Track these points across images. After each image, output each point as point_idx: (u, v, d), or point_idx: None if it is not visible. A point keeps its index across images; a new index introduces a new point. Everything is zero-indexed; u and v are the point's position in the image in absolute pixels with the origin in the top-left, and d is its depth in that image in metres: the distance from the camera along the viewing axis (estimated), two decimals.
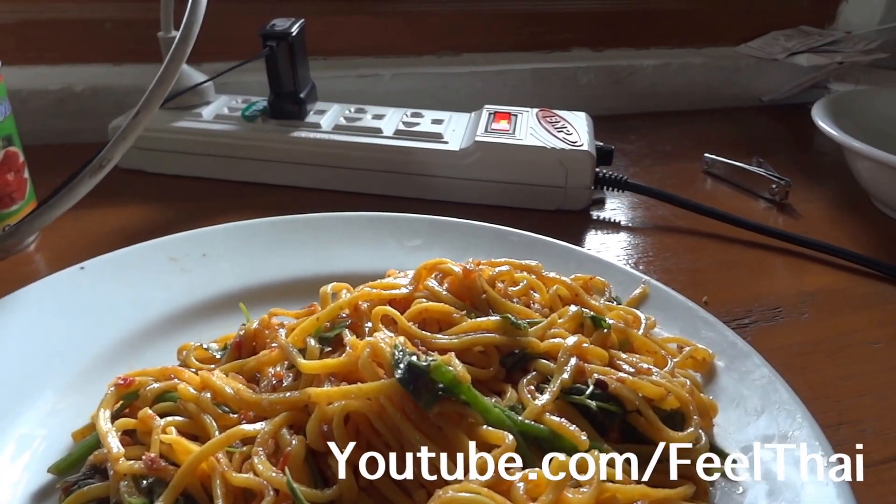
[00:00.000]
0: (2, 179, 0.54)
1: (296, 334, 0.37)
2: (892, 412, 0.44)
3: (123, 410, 0.37)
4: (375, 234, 0.54)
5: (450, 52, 0.89)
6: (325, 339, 0.38)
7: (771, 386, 0.39)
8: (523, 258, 0.52)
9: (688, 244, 0.62)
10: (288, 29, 0.65)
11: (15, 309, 0.43)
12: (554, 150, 0.64)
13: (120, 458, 0.32)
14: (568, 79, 0.91)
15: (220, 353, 0.41)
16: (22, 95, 0.73)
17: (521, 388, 0.35)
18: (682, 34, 0.97)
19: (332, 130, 0.68)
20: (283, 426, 0.33)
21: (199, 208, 0.64)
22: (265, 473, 0.31)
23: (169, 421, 0.34)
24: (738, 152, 0.78)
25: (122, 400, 0.36)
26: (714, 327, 0.44)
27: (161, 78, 0.47)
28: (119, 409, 0.37)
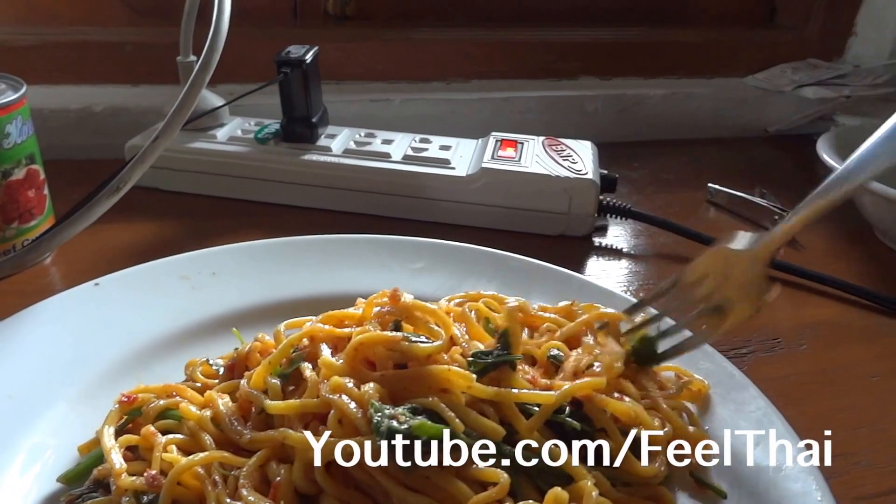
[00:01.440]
0: (23, 196, 0.55)
1: (255, 378, 0.37)
2: (888, 445, 0.45)
3: (127, 426, 0.38)
4: (379, 256, 0.55)
5: (459, 78, 0.91)
6: (285, 376, 0.38)
7: (766, 418, 0.40)
8: (524, 283, 0.53)
9: None
10: (302, 56, 0.67)
11: (32, 322, 0.45)
12: (558, 178, 0.66)
13: (122, 474, 0.33)
14: (574, 106, 0.92)
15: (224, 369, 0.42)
16: (44, 114, 0.75)
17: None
18: (691, 65, 0.99)
19: (342, 154, 0.70)
20: (267, 460, 0.34)
21: (211, 226, 0.66)
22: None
23: (170, 439, 0.35)
24: (742, 182, 0.79)
25: (126, 416, 0.37)
26: (712, 358, 0.44)
27: (181, 104, 0.49)
28: (123, 424, 0.38)
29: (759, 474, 0.36)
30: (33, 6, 0.78)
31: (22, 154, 0.55)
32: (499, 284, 0.53)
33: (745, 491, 0.36)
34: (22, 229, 0.56)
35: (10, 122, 0.53)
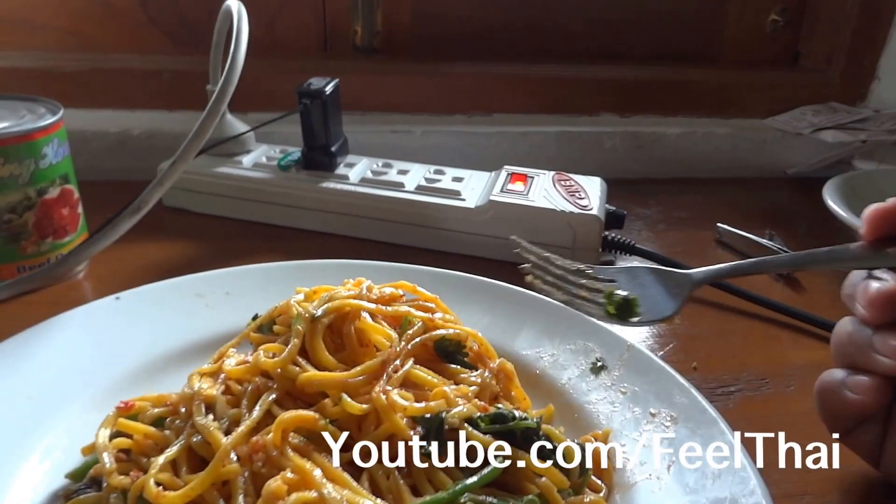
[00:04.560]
0: (57, 213, 0.60)
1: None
2: (858, 488, 0.46)
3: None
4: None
5: (481, 112, 0.94)
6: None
7: (731, 453, 0.41)
8: (521, 314, 0.56)
9: (686, 310, 0.64)
10: (322, 88, 0.71)
11: (56, 331, 0.49)
12: (563, 212, 0.68)
13: (113, 473, 0.36)
14: (593, 142, 0.95)
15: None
16: (86, 136, 0.80)
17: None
18: (711, 104, 1.00)
19: (359, 183, 0.73)
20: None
21: (233, 247, 0.70)
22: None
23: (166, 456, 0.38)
24: (754, 223, 0.80)
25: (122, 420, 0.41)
26: (688, 393, 0.46)
27: (197, 131, 0.53)
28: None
29: None
30: (80, 35, 0.84)
31: (56, 174, 0.59)
32: (493, 315, 0.55)
33: None
34: (56, 244, 0.60)
35: (47, 144, 0.58)
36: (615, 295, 0.48)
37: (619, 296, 0.47)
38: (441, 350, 0.45)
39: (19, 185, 0.57)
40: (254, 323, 0.50)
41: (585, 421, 0.47)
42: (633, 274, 0.49)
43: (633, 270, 0.50)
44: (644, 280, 0.49)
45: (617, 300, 0.47)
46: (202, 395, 0.40)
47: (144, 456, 0.39)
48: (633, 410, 0.46)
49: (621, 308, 0.47)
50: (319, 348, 0.42)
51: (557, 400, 0.49)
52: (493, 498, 0.36)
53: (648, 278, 0.49)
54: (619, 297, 0.47)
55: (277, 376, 0.41)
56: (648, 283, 0.49)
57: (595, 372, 0.50)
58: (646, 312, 0.47)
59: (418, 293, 0.50)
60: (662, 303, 0.47)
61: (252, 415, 0.38)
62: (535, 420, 0.40)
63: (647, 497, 0.40)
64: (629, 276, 0.49)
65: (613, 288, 0.48)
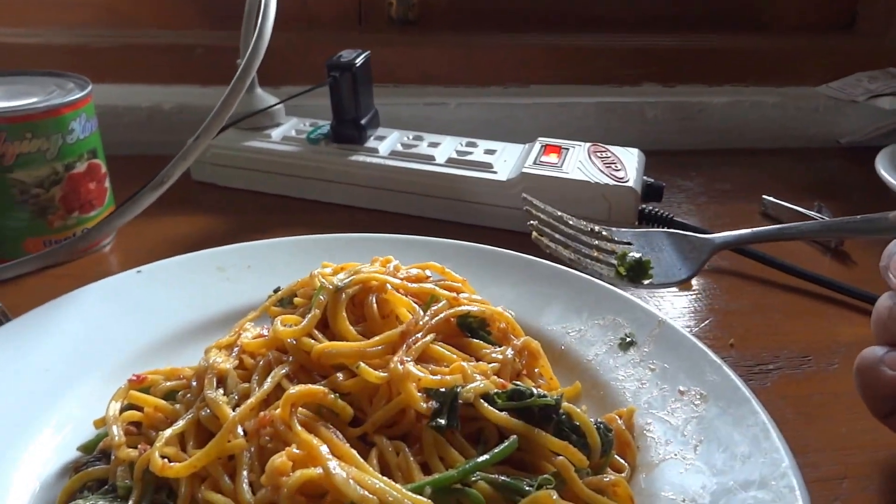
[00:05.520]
0: (84, 187, 0.60)
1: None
2: None
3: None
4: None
5: (517, 83, 0.91)
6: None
7: (763, 433, 0.39)
8: (549, 289, 0.54)
9: (725, 285, 0.62)
10: (352, 60, 0.70)
11: (75, 305, 0.49)
12: (598, 184, 0.66)
13: (121, 446, 0.36)
14: (635, 113, 0.91)
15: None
16: (117, 111, 0.81)
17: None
18: (760, 73, 0.96)
19: (388, 156, 0.72)
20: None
21: (261, 221, 0.69)
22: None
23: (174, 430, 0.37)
24: (802, 195, 0.77)
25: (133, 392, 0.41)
26: (720, 371, 0.44)
27: (221, 107, 0.52)
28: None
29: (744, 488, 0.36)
30: (112, 11, 0.84)
31: (84, 149, 0.59)
32: (520, 289, 0.53)
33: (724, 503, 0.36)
34: (83, 219, 0.61)
35: (74, 119, 0.58)
36: (628, 256, 0.46)
37: (632, 258, 0.45)
38: (465, 326, 0.44)
39: (47, 160, 0.57)
40: (274, 296, 0.49)
41: (611, 398, 0.45)
42: (650, 237, 0.48)
43: (650, 234, 0.48)
44: (661, 244, 0.47)
45: (629, 262, 0.45)
46: (215, 368, 0.39)
47: (154, 429, 0.38)
48: (661, 388, 0.44)
49: (633, 270, 0.45)
50: (341, 319, 0.41)
51: (582, 377, 0.47)
52: (507, 476, 0.35)
53: (666, 242, 0.47)
54: (631, 258, 0.45)
55: (292, 348, 0.40)
56: (666, 246, 0.46)
57: (623, 348, 0.48)
58: (659, 275, 0.45)
59: (446, 274, 0.49)
60: (678, 266, 0.45)
61: (261, 388, 0.37)
62: (554, 397, 0.38)
63: (672, 478, 0.38)
64: (646, 239, 0.47)
65: (627, 250, 0.46)
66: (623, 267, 0.46)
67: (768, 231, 0.49)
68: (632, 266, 0.45)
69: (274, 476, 0.32)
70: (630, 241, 0.49)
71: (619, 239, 0.49)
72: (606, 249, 0.47)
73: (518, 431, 0.36)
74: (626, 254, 0.46)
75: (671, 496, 0.37)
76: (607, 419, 0.41)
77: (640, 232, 0.48)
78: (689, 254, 0.47)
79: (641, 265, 0.46)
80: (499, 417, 0.37)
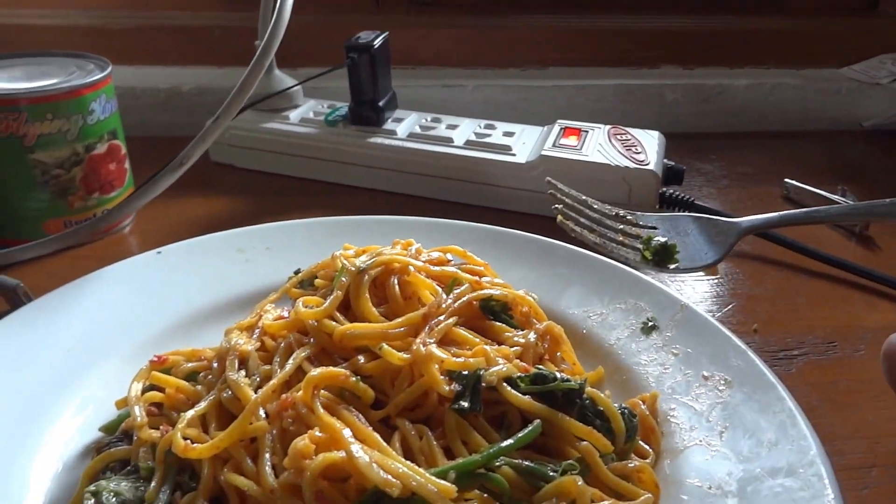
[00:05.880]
0: (104, 168, 0.60)
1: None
2: None
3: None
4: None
5: (535, 65, 0.90)
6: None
7: (790, 420, 0.38)
8: (569, 272, 0.53)
9: (748, 269, 0.61)
10: (370, 41, 0.69)
11: (96, 285, 0.49)
12: (618, 167, 0.65)
13: (143, 427, 0.36)
14: (653, 96, 0.90)
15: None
16: (136, 92, 0.81)
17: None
18: (781, 54, 0.94)
19: (406, 138, 0.71)
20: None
21: (279, 203, 0.69)
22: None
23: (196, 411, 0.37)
24: (825, 179, 0.75)
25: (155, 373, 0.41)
26: (744, 356, 0.43)
27: (241, 87, 0.52)
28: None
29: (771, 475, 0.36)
30: None
31: (104, 130, 0.59)
32: (540, 272, 0.53)
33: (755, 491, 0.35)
34: (103, 199, 0.61)
35: (95, 100, 0.58)
36: (653, 241, 0.45)
37: (658, 242, 0.45)
38: (487, 309, 0.44)
39: (67, 141, 0.57)
40: (295, 278, 0.49)
41: (633, 383, 0.44)
42: (675, 222, 0.47)
43: (676, 218, 0.47)
44: (687, 228, 0.46)
45: (654, 246, 0.45)
46: (237, 349, 0.39)
47: (175, 410, 0.38)
48: (684, 373, 0.44)
49: (658, 254, 0.45)
50: (364, 300, 0.41)
51: (605, 361, 0.46)
52: (530, 461, 0.35)
53: (692, 226, 0.46)
54: (657, 242, 0.45)
55: (313, 330, 0.40)
56: (692, 231, 0.46)
57: (646, 332, 0.48)
58: (685, 259, 0.44)
59: (468, 258, 0.48)
60: (704, 251, 0.44)
61: (283, 370, 0.37)
62: (578, 381, 0.38)
63: (697, 464, 0.38)
64: (672, 223, 0.47)
65: (653, 234, 0.46)
66: (648, 251, 0.45)
67: (797, 214, 0.48)
68: (657, 250, 0.45)
69: (297, 459, 0.32)
70: (655, 225, 0.48)
71: (643, 223, 0.48)
72: (631, 234, 0.46)
73: (542, 416, 0.36)
74: (652, 238, 0.45)
75: (697, 483, 0.36)
76: (630, 404, 0.41)
77: (666, 216, 0.48)
78: (716, 238, 0.46)
79: (667, 249, 0.45)
80: (522, 401, 0.36)
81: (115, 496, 0.34)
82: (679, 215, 0.47)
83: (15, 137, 0.55)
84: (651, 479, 0.37)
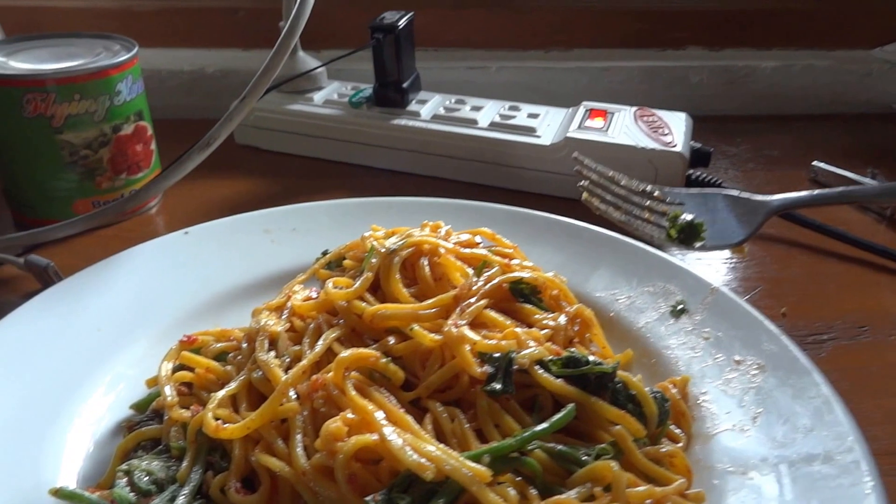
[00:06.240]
0: (131, 149, 0.60)
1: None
2: None
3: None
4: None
5: (559, 47, 0.89)
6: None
7: (826, 406, 0.38)
8: (596, 255, 0.53)
9: (775, 253, 0.60)
10: (395, 22, 0.69)
11: (125, 265, 0.49)
12: (644, 149, 0.64)
13: (174, 406, 0.36)
14: (678, 78, 0.89)
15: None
16: (161, 75, 0.81)
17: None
18: (810, 35, 0.92)
19: (431, 120, 0.71)
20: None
21: (302, 185, 0.69)
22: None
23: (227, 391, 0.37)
24: (855, 162, 0.74)
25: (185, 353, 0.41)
26: (777, 340, 0.43)
27: (267, 67, 0.52)
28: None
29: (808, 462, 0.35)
30: None
31: (131, 111, 0.59)
32: (567, 255, 0.53)
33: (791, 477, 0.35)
34: (130, 180, 0.61)
35: (121, 81, 0.58)
36: (680, 218, 0.44)
37: (684, 220, 0.44)
38: (517, 292, 0.43)
39: (95, 122, 0.57)
40: (323, 259, 0.49)
41: (663, 367, 0.44)
42: (704, 199, 0.46)
43: (704, 195, 0.46)
44: (716, 205, 0.45)
45: (681, 224, 0.44)
46: (267, 330, 0.39)
47: (205, 390, 0.38)
48: (715, 357, 0.43)
49: (684, 232, 0.44)
50: (395, 281, 0.40)
51: (633, 345, 0.46)
52: (564, 446, 0.35)
53: (721, 204, 0.45)
54: (683, 221, 0.44)
55: (343, 310, 0.40)
56: (720, 208, 0.45)
57: (675, 316, 0.47)
58: (711, 238, 0.43)
59: (497, 240, 0.48)
60: (731, 229, 0.43)
61: (313, 351, 0.37)
62: (610, 365, 0.37)
63: (729, 449, 0.37)
64: (700, 200, 0.46)
65: (680, 211, 0.45)
66: (674, 229, 0.44)
67: (829, 193, 0.47)
68: (683, 228, 0.44)
69: (329, 441, 0.32)
70: (683, 201, 0.47)
71: (671, 199, 0.47)
72: (658, 210, 0.46)
73: (574, 399, 0.36)
74: (679, 215, 0.44)
75: (730, 469, 0.36)
76: (661, 388, 0.41)
77: (694, 192, 0.47)
78: (744, 216, 0.45)
79: (694, 227, 0.44)
80: (555, 384, 0.36)
81: (147, 475, 0.34)
82: (708, 191, 0.46)
83: (44, 118, 0.55)
84: (683, 464, 0.37)
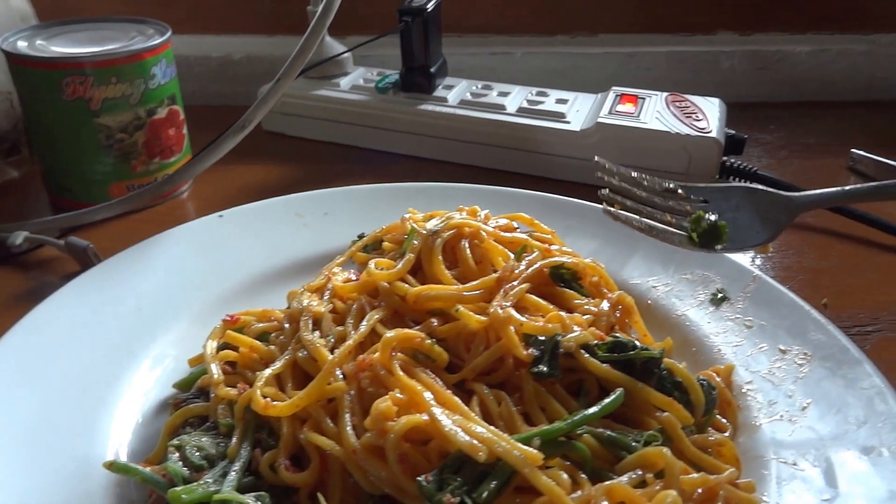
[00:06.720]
0: (164, 133, 0.60)
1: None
2: None
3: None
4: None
5: (585, 32, 0.88)
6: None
7: (880, 397, 0.37)
8: (631, 242, 0.52)
9: (814, 242, 0.59)
10: (424, 5, 0.68)
11: (162, 246, 0.50)
12: (678, 135, 0.63)
13: (220, 384, 0.36)
14: (708, 63, 0.87)
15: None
16: (190, 61, 0.80)
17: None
18: (847, 18, 0.90)
19: (458, 105, 0.70)
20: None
21: (329, 170, 0.69)
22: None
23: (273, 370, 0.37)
24: (895, 150, 0.73)
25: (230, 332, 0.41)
26: (825, 329, 0.42)
27: (301, 49, 0.51)
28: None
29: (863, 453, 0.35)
30: None
31: (165, 94, 0.59)
32: (602, 241, 0.52)
33: (845, 469, 0.34)
34: (163, 164, 0.61)
35: (155, 64, 0.57)
36: (703, 220, 0.43)
37: (707, 221, 0.43)
38: (557, 277, 0.43)
39: (130, 105, 0.57)
40: (360, 242, 0.49)
41: (705, 356, 0.43)
42: (727, 194, 0.44)
43: (728, 190, 0.45)
44: (740, 202, 0.44)
45: (703, 226, 0.43)
46: (310, 311, 0.39)
47: (249, 369, 0.38)
48: (759, 346, 0.43)
49: (706, 235, 0.43)
50: (437, 262, 0.40)
51: (672, 333, 0.46)
52: (612, 432, 0.34)
53: (745, 201, 0.44)
54: (706, 222, 0.43)
55: (385, 292, 0.39)
56: (744, 205, 0.43)
57: (715, 304, 0.47)
58: (733, 241, 0.42)
59: (535, 226, 0.48)
60: (754, 230, 0.42)
61: (358, 332, 0.37)
62: (657, 351, 0.37)
63: (778, 439, 0.37)
64: (723, 195, 0.44)
65: (703, 212, 0.44)
66: (696, 233, 0.43)
67: (861, 189, 0.45)
68: (705, 231, 0.42)
69: (379, 420, 0.32)
70: (706, 198, 0.46)
71: (694, 197, 0.46)
72: (681, 211, 0.44)
73: (622, 384, 0.35)
74: (702, 216, 0.42)
75: (780, 459, 0.35)
76: (706, 376, 0.40)
77: (717, 188, 0.45)
78: (768, 214, 0.43)
79: (717, 230, 0.42)
80: (601, 369, 0.36)
81: (198, 450, 0.34)
82: (731, 186, 0.44)
83: (82, 101, 0.55)
84: (732, 454, 0.36)
